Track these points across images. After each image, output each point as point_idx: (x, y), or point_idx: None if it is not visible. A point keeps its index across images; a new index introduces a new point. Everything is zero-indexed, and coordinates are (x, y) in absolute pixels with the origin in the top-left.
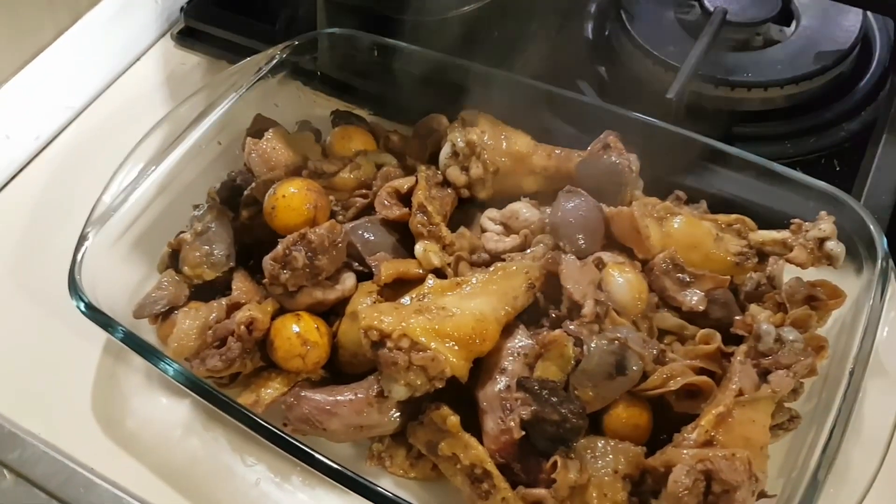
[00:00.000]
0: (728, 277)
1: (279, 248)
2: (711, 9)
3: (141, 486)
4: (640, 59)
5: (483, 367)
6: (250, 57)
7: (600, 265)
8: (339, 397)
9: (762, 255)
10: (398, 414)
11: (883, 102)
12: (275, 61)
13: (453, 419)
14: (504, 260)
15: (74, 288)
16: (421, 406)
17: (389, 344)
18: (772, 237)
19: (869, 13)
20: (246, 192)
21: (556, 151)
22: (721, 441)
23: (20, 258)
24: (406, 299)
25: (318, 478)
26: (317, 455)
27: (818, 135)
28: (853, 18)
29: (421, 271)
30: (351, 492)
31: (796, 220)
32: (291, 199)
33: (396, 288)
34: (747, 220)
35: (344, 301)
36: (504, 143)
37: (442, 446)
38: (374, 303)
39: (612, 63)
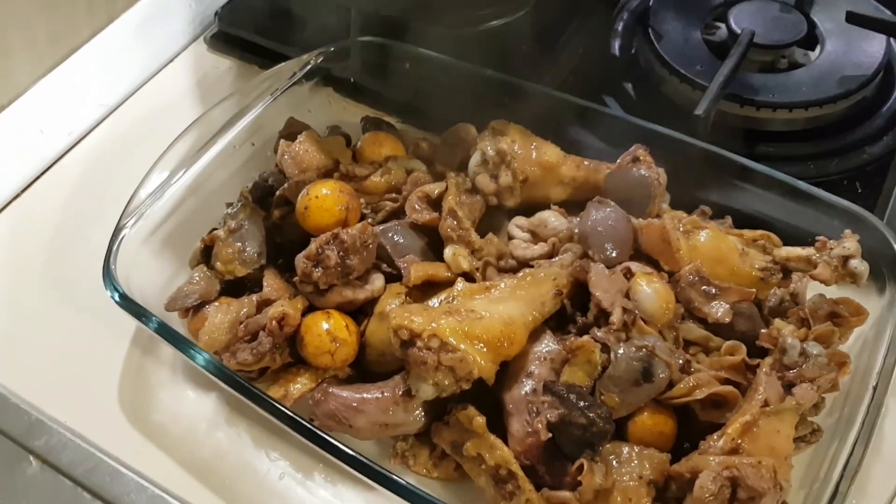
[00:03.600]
0: (753, 290)
1: (312, 246)
2: (738, 30)
3: (166, 476)
4: (666, 76)
5: (509, 370)
6: (284, 62)
7: (628, 274)
8: (365, 395)
9: (786, 272)
10: (423, 413)
11: None
12: (308, 67)
13: (479, 420)
14: (532, 266)
15: (109, 278)
16: (446, 406)
17: (419, 343)
18: (796, 254)
19: (892, 40)
20: (278, 193)
21: (585, 163)
22: (747, 449)
23: (52, 250)
24: (435, 301)
25: (341, 474)
26: (346, 449)
27: (841, 157)
28: (877, 45)
29: (449, 275)
30: (373, 488)
31: (821, 238)
32: (324, 199)
33: (424, 290)
34: (772, 236)
35: (372, 301)
36: (534, 153)
37: (467, 446)
38: (403, 304)
39: (638, 80)
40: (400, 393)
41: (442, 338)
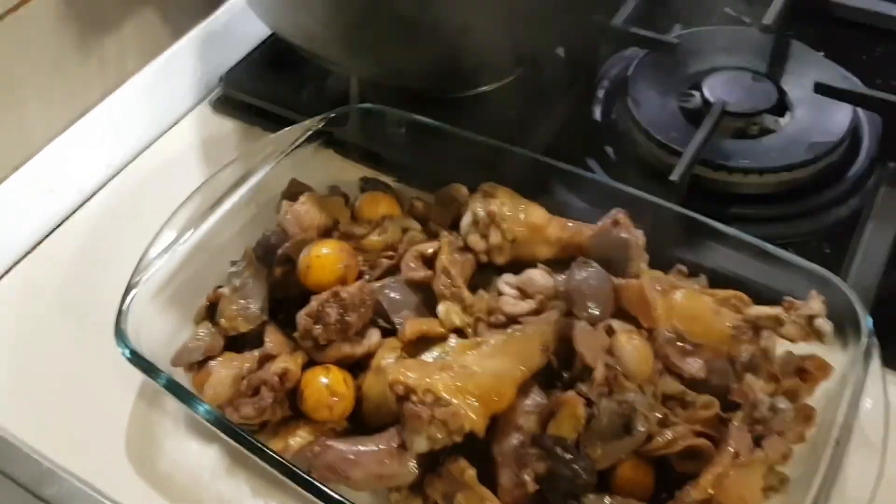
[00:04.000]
0: (726, 348)
1: (313, 304)
2: (712, 99)
3: None
4: (644, 141)
5: (499, 423)
6: (288, 127)
7: (610, 332)
8: (361, 447)
9: (756, 329)
10: (416, 465)
11: (870, 191)
12: (310, 132)
13: (470, 472)
14: (520, 322)
15: (121, 336)
16: (438, 458)
17: (414, 398)
18: (766, 313)
19: (858, 108)
20: (280, 251)
21: (569, 224)
22: (719, 499)
23: (61, 306)
24: (428, 356)
25: None
26: (343, 500)
27: (809, 218)
28: (844, 113)
29: (443, 330)
30: None
31: (788, 298)
32: (325, 258)
33: (418, 345)
34: (743, 296)
35: (369, 355)
36: (521, 215)
37: (458, 498)
38: (399, 359)
39: (618, 144)
40: (394, 445)
41: (436, 393)
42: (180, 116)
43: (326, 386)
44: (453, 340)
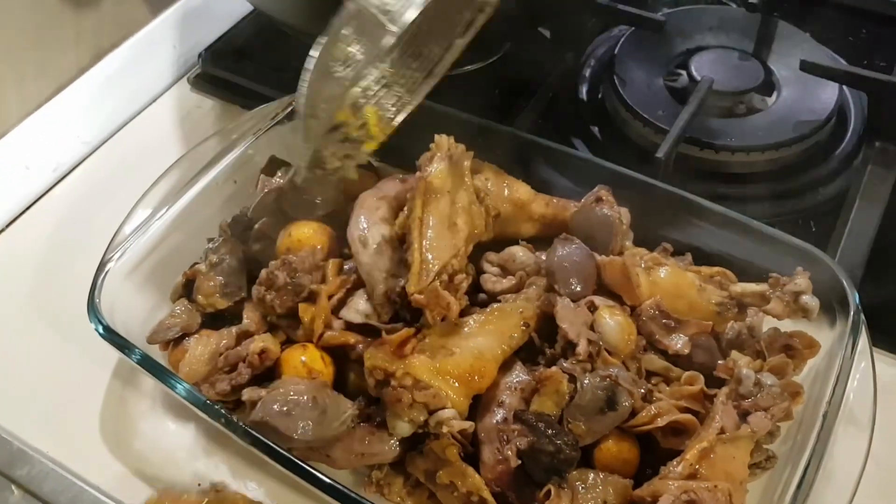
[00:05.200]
0: (710, 323)
1: (262, 273)
2: (699, 77)
3: None
4: (630, 120)
5: (482, 400)
6: (267, 104)
7: (592, 308)
8: None
9: (742, 306)
10: (398, 443)
11: (857, 170)
12: (290, 108)
13: (452, 449)
14: (499, 301)
15: (94, 311)
16: (419, 436)
17: (393, 382)
18: (751, 290)
19: (844, 87)
20: (256, 227)
21: (554, 201)
22: (704, 474)
23: (36, 283)
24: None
25: (318, 502)
26: (323, 477)
27: (796, 197)
28: (830, 91)
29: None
30: None
31: (774, 275)
32: (306, 240)
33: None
34: (728, 272)
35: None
36: (506, 191)
37: (440, 475)
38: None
39: (604, 123)
40: (375, 423)
41: (415, 375)
42: (158, 94)
43: (304, 363)
44: None
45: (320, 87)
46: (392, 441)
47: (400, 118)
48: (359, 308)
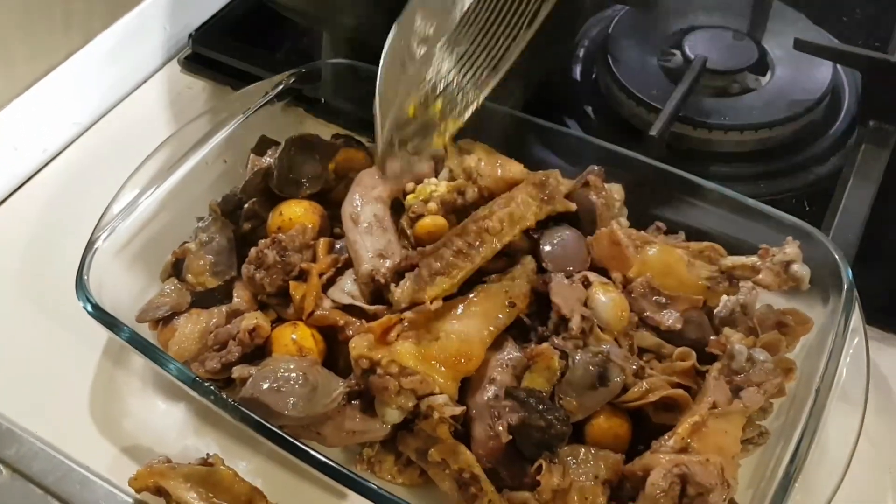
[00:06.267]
0: (701, 298)
1: (252, 252)
2: (692, 56)
3: None
4: (624, 100)
5: (473, 378)
6: (257, 83)
7: (586, 283)
8: None
9: (732, 280)
10: None
11: (850, 149)
12: (280, 87)
13: (443, 426)
14: (485, 282)
15: (82, 289)
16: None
17: (379, 371)
18: (741, 262)
19: (838, 65)
20: (246, 206)
21: None
22: (696, 448)
23: (25, 263)
24: None
25: (309, 482)
26: (315, 454)
27: (790, 177)
28: (824, 70)
29: None
30: (342, 494)
31: (764, 246)
32: (297, 218)
33: None
34: (717, 247)
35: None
36: (498, 170)
37: (432, 452)
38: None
39: (598, 103)
40: (367, 401)
41: (400, 362)
42: (149, 75)
43: (294, 341)
44: None
45: (394, 72)
46: None
47: (467, 114)
48: (345, 288)
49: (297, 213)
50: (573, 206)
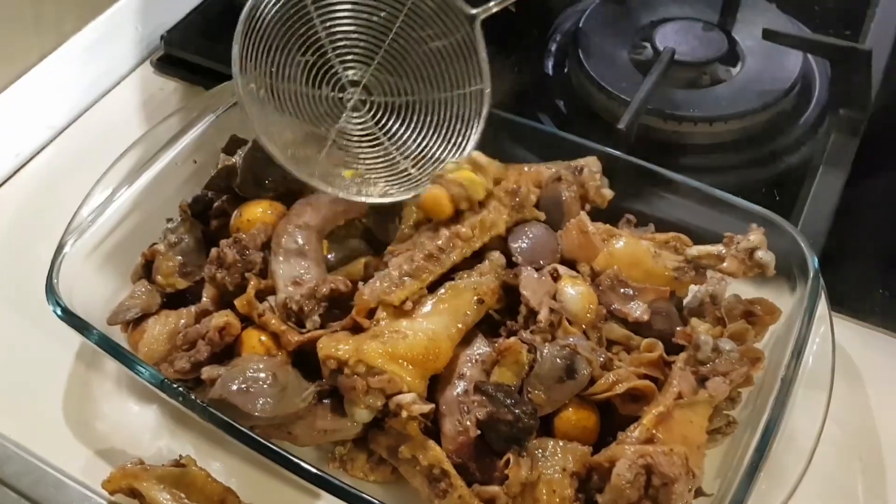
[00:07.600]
0: (667, 288)
1: (213, 252)
2: (661, 49)
3: None
4: (595, 93)
5: (443, 373)
6: (227, 82)
7: (556, 276)
8: None
9: (698, 269)
10: None
11: (820, 139)
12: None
13: (413, 423)
14: (454, 279)
15: (52, 293)
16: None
17: (347, 371)
18: (706, 251)
19: (808, 55)
20: (216, 205)
21: (525, 169)
22: (661, 439)
23: None
24: None
25: (281, 481)
26: (286, 454)
27: (761, 167)
28: (794, 60)
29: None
30: (315, 494)
31: (728, 234)
32: (257, 218)
33: None
34: (683, 237)
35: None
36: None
37: (402, 449)
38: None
39: (569, 97)
40: (337, 400)
41: (368, 362)
42: (122, 77)
43: (262, 343)
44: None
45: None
46: None
47: None
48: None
49: (256, 214)
50: (542, 216)
